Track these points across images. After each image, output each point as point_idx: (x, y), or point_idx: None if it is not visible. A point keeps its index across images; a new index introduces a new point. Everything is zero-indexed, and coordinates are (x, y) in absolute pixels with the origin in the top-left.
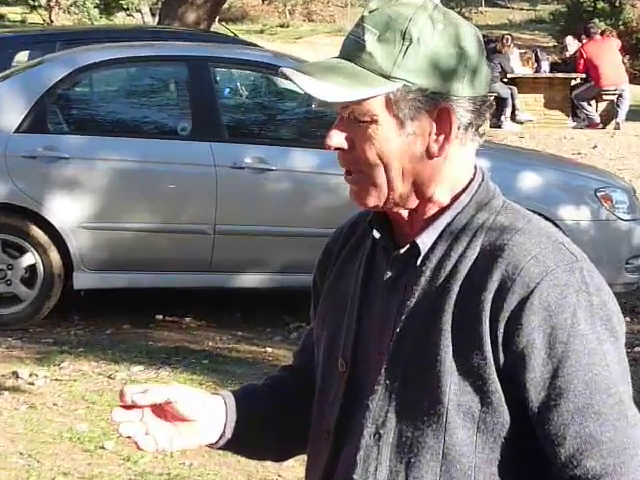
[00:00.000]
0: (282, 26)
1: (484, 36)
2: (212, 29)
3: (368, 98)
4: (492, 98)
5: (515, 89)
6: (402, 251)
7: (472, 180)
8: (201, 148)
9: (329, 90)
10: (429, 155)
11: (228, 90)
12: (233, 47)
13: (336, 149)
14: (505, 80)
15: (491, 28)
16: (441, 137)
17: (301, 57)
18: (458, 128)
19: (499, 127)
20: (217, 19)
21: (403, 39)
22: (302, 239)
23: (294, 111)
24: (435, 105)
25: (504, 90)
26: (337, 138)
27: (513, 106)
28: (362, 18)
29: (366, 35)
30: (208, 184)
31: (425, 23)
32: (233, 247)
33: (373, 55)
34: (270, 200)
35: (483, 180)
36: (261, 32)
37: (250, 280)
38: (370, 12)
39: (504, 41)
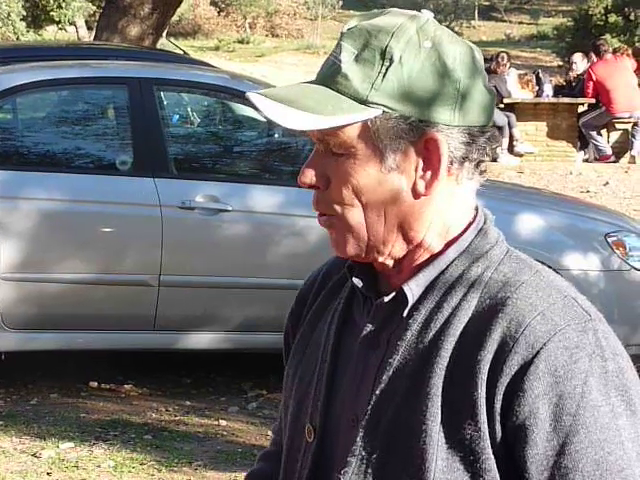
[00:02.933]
0: (241, 42)
1: None
2: (158, 46)
3: (341, 126)
4: (494, 129)
5: (513, 116)
6: (386, 300)
7: (471, 224)
8: (144, 185)
9: (297, 117)
10: (415, 194)
11: (177, 117)
12: (183, 67)
13: (310, 187)
14: (501, 106)
15: (486, 45)
16: (428, 173)
17: (263, 78)
18: (450, 163)
19: (494, 160)
20: (164, 34)
21: (382, 59)
22: (264, 292)
23: (254, 142)
24: (420, 135)
25: (500, 117)
26: (311, 174)
27: (511, 136)
28: (341, 35)
29: (342, 55)
30: (152, 227)
31: (409, 40)
32: (181, 301)
33: (349, 77)
34: (226, 246)
35: (485, 224)
36: (216, 49)
37: (201, 341)
38: (349, 29)
39: (499, 60)
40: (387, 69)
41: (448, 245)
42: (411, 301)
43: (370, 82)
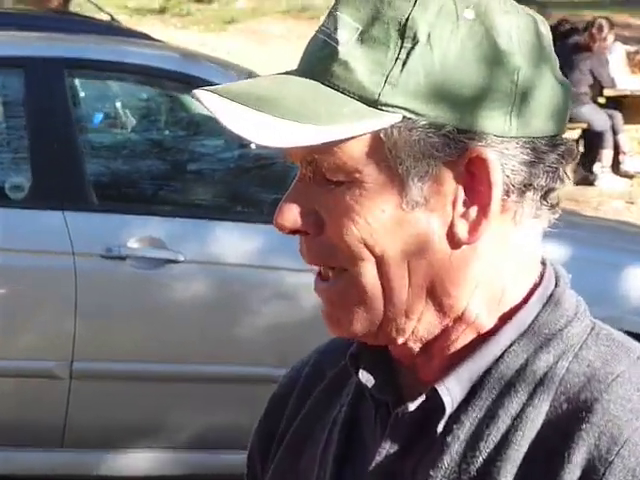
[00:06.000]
0: (200, 1)
1: (558, 23)
2: (72, 7)
3: (340, 141)
4: (576, 137)
5: (619, 116)
6: (411, 408)
7: (536, 287)
8: (48, 222)
9: (274, 128)
10: (453, 242)
11: (100, 118)
12: (109, 41)
13: (293, 232)
14: (601, 101)
15: (575, 7)
16: (473, 210)
17: (234, 57)
18: (506, 194)
19: (590, 184)
20: None
21: (402, 38)
22: (231, 388)
23: (219, 156)
24: (461, 153)
25: (600, 118)
26: (293, 214)
27: (616, 147)
28: (336, 2)
29: (340, 32)
30: (60, 288)
31: (442, 9)
32: (105, 402)
33: (350, 67)
34: (174, 316)
35: (557, 287)
36: (162, 12)
37: (135, 463)
38: None
39: (596, 30)
40: (409, 53)
41: (503, 320)
42: (449, 409)
43: (383, 74)
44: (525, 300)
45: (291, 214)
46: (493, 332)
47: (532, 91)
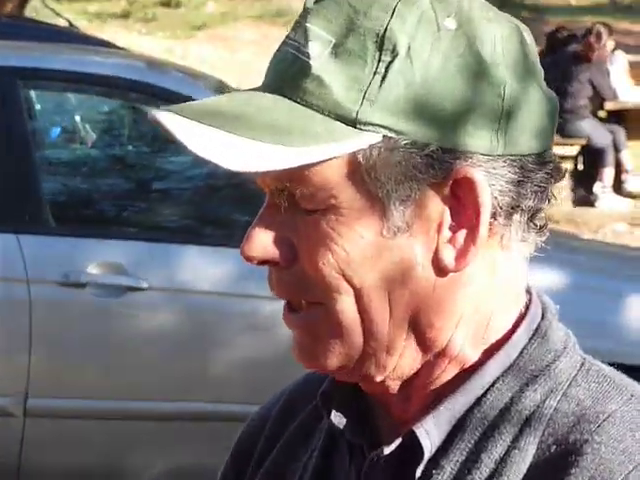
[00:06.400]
0: (167, 4)
1: (555, 30)
2: (28, 12)
3: (313, 164)
4: (574, 154)
5: (621, 131)
6: (387, 451)
7: (523, 317)
8: (1, 246)
9: (242, 151)
10: (439, 269)
11: (57, 132)
12: (67, 49)
13: (263, 263)
14: (601, 115)
15: (576, 12)
16: (460, 235)
17: (204, 66)
18: (494, 216)
19: (591, 205)
20: None
21: (380, 50)
22: (201, 427)
23: (187, 173)
24: (446, 174)
25: (600, 134)
26: (262, 243)
27: (618, 164)
28: (304, 12)
29: (312, 44)
30: (13, 317)
31: (421, 18)
32: (60, 441)
33: (324, 83)
34: (138, 349)
35: (544, 319)
36: (126, 17)
37: None
38: (318, 1)
39: (595, 37)
40: (388, 67)
41: (487, 354)
42: (428, 453)
43: (361, 89)
44: (511, 332)
45: (260, 243)
46: (476, 367)
47: (519, 106)
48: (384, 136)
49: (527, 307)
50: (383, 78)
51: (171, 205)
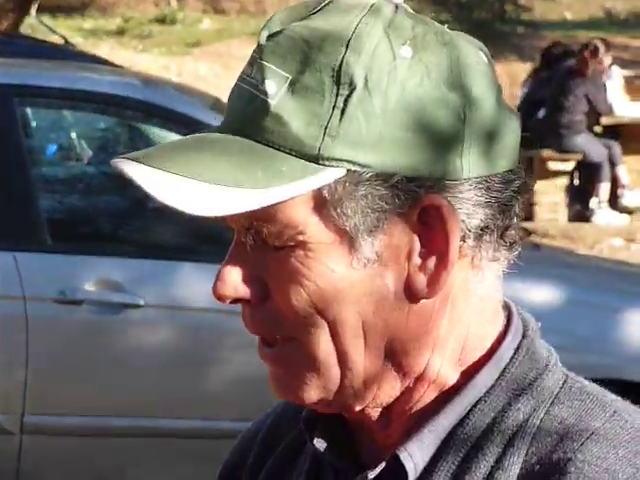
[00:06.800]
0: (162, 21)
1: (551, 46)
2: (24, 29)
3: (278, 203)
4: (570, 169)
5: (617, 146)
6: (371, 475)
7: (502, 337)
8: None
9: (206, 196)
10: (412, 296)
11: (54, 149)
12: (64, 66)
13: (235, 301)
14: (597, 130)
15: (572, 27)
16: (431, 261)
17: (200, 83)
18: (463, 239)
19: (586, 220)
20: (34, 10)
21: (337, 84)
22: (197, 444)
23: None
24: (413, 203)
25: (596, 149)
26: (233, 281)
27: (614, 179)
28: (259, 49)
29: (268, 82)
30: (10, 334)
31: (376, 49)
32: (57, 459)
33: (284, 120)
34: (134, 366)
35: (524, 337)
36: (121, 33)
37: None
38: (272, 36)
39: (591, 52)
40: (346, 101)
41: (467, 376)
42: (412, 476)
43: (321, 125)
44: (491, 351)
45: (231, 282)
46: (457, 389)
47: (482, 127)
48: (348, 170)
49: (507, 325)
50: (342, 112)
51: (168, 222)
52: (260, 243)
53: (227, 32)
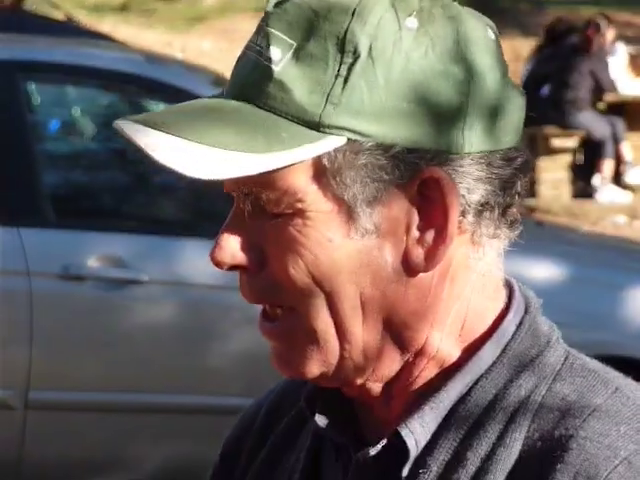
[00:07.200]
0: None
1: (555, 23)
2: (27, 6)
3: (277, 170)
4: (574, 146)
5: (621, 123)
6: (372, 452)
7: (504, 313)
8: (2, 239)
9: (206, 159)
10: (409, 269)
11: (57, 125)
12: (67, 42)
13: (233, 268)
14: (601, 107)
15: (574, 3)
16: (429, 234)
17: (203, 59)
18: (463, 214)
19: (589, 197)
20: None
21: (341, 52)
22: (201, 420)
23: None
24: (413, 174)
25: (600, 126)
26: (231, 249)
27: (617, 156)
28: (265, 16)
29: (273, 49)
30: (14, 310)
31: (381, 19)
32: (61, 434)
33: (287, 87)
34: (138, 342)
35: (526, 313)
36: (124, 9)
37: None
38: (279, 4)
39: (594, 29)
40: (350, 70)
41: (468, 352)
42: (414, 453)
43: (324, 93)
44: (492, 328)
45: (229, 249)
46: (458, 365)
47: (485, 102)
48: (349, 139)
49: (509, 302)
50: (345, 81)
51: (171, 198)
52: (258, 210)
53: (230, 8)
